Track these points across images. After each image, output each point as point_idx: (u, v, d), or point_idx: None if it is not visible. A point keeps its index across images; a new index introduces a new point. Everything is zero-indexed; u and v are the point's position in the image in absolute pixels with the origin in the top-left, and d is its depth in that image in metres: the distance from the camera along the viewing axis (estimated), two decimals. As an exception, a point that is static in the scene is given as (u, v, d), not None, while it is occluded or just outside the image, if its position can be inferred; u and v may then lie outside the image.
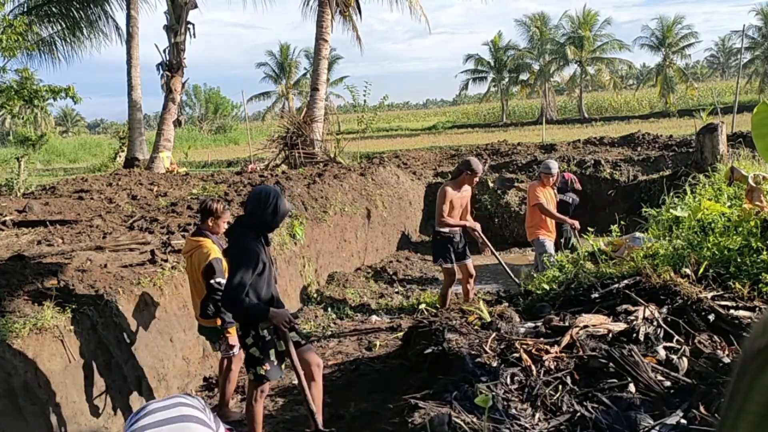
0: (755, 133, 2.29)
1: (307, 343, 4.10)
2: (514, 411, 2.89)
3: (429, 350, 3.75)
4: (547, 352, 3.32)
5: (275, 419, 4.71)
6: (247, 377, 4.18)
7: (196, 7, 18.30)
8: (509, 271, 7.07)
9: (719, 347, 3.33)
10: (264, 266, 3.80)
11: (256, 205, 3.84)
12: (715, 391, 2.83)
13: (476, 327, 3.98)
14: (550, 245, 7.03)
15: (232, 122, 57.40)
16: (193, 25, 18.43)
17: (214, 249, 4.56)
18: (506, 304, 4.72)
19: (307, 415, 3.86)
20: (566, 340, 3.41)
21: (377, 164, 12.44)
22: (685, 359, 3.22)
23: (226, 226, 4.74)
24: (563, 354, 3.32)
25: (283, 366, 4.01)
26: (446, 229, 6.58)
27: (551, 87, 52.19)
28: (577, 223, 7.11)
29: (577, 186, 8.71)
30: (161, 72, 18.20)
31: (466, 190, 6.62)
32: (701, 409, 2.73)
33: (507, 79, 54.19)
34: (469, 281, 6.76)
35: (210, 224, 4.72)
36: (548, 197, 7.20)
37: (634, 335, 3.42)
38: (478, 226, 6.81)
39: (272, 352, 3.89)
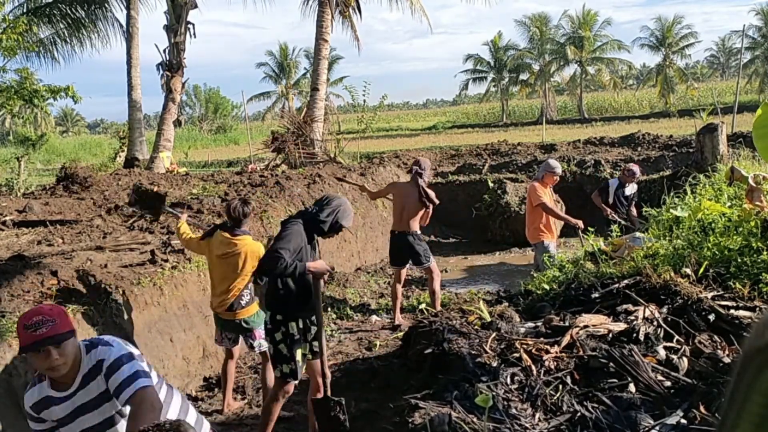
0: (755, 133, 2.29)
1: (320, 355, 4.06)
2: (514, 411, 2.89)
3: (429, 350, 3.75)
4: (548, 352, 3.32)
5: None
6: (269, 375, 4.27)
7: (196, 7, 18.31)
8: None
9: (719, 347, 3.33)
10: (302, 256, 3.83)
11: (320, 204, 3.98)
12: (715, 391, 2.83)
13: (476, 327, 3.98)
14: (553, 249, 6.86)
15: (232, 122, 57.41)
16: (193, 25, 18.44)
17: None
18: (506, 304, 4.72)
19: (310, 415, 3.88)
20: (566, 340, 3.41)
21: (377, 164, 12.44)
22: (685, 359, 3.22)
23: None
24: (563, 354, 3.32)
25: (304, 367, 4.04)
26: (419, 230, 6.70)
27: (551, 87, 52.21)
28: (581, 223, 6.90)
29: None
30: (161, 72, 18.21)
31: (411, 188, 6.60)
32: (701, 409, 2.73)
33: (507, 79, 54.20)
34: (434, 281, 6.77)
35: (250, 223, 4.83)
36: (549, 197, 7.06)
37: (635, 335, 3.42)
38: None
39: (299, 351, 3.92)
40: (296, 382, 4.03)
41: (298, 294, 3.87)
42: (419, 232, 6.72)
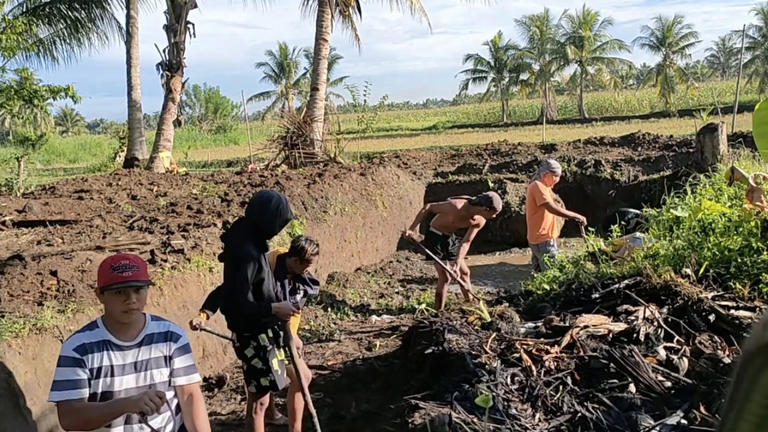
0: (756, 131, 2.29)
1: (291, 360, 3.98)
2: (514, 411, 2.89)
3: (429, 350, 3.75)
4: (548, 352, 3.32)
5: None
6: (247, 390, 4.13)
7: (195, 6, 18.33)
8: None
9: (720, 347, 3.33)
10: (263, 272, 3.73)
11: (258, 209, 3.75)
12: (715, 391, 2.82)
13: (476, 327, 3.98)
14: (555, 250, 6.84)
15: (232, 122, 57.38)
16: (193, 24, 18.47)
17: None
18: (506, 304, 4.72)
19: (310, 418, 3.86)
20: (567, 340, 3.41)
21: (377, 164, 12.44)
22: (685, 359, 3.22)
23: (306, 271, 4.66)
24: (564, 354, 3.32)
25: (285, 373, 3.97)
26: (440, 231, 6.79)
27: (551, 87, 52.23)
28: (584, 219, 6.86)
29: None
30: (161, 72, 18.23)
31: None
32: (702, 409, 2.73)
33: (507, 79, 54.21)
34: (444, 285, 6.84)
35: (294, 262, 4.54)
36: (550, 197, 7.03)
37: (635, 335, 3.41)
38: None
39: (275, 361, 3.84)
40: (281, 389, 3.96)
41: (260, 308, 3.75)
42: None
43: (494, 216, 6.76)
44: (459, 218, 6.70)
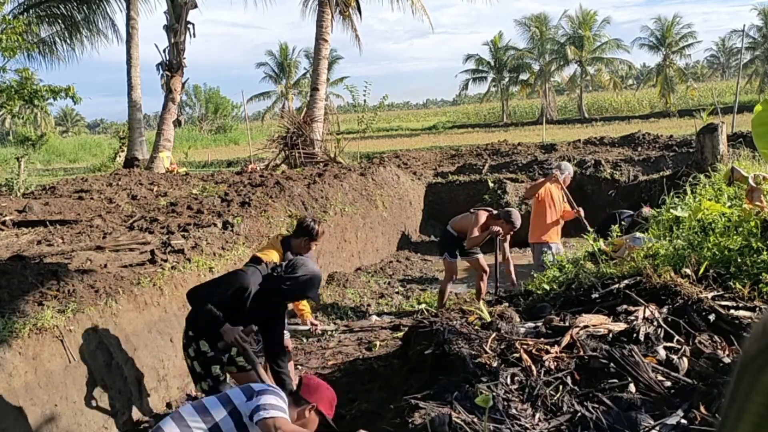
0: (755, 132, 2.28)
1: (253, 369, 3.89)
2: (514, 411, 2.89)
3: (429, 351, 3.75)
4: (548, 352, 3.32)
5: None
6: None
7: (196, 7, 18.33)
8: (497, 280, 7.05)
9: (720, 347, 3.33)
10: (248, 297, 3.71)
11: (290, 268, 3.75)
12: (715, 391, 2.82)
13: (476, 327, 3.97)
14: (555, 251, 6.89)
15: (232, 122, 57.39)
16: (193, 25, 18.47)
17: (272, 255, 4.55)
18: (506, 304, 4.72)
19: None
20: (566, 340, 3.41)
21: (377, 164, 12.44)
22: (685, 359, 3.22)
23: (313, 250, 4.72)
24: (563, 354, 3.32)
25: (228, 378, 3.96)
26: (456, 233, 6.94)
27: (551, 87, 52.23)
28: (581, 210, 7.11)
29: None
30: (161, 72, 18.23)
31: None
32: (702, 409, 2.73)
33: (507, 79, 54.22)
34: (482, 278, 7.05)
35: (301, 243, 4.60)
36: (560, 198, 7.12)
37: (635, 335, 3.41)
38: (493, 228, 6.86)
39: (215, 367, 3.82)
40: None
41: (215, 317, 3.68)
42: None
43: (512, 232, 6.90)
44: (480, 229, 6.81)
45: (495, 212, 6.92)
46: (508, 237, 7.10)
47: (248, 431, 2.84)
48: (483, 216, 6.81)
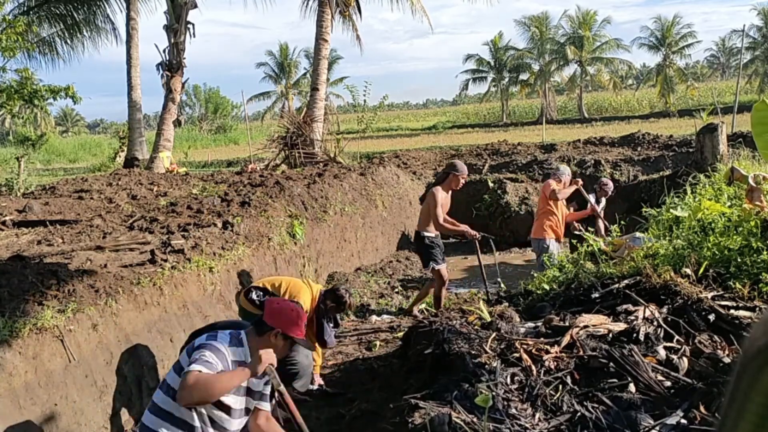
0: (755, 131, 2.29)
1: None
2: (514, 411, 2.89)
3: (429, 350, 3.75)
4: (548, 352, 3.32)
5: None
6: None
7: (196, 7, 18.32)
8: (485, 277, 6.90)
9: (719, 347, 3.33)
10: None
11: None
12: (715, 391, 2.82)
13: (476, 327, 3.98)
14: (554, 248, 6.99)
15: (232, 122, 57.38)
16: (193, 25, 18.46)
17: (303, 293, 4.70)
18: (506, 304, 4.72)
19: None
20: (566, 340, 3.41)
21: (377, 164, 12.44)
22: (685, 359, 3.22)
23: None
24: (563, 354, 3.32)
25: None
26: (432, 233, 6.65)
27: (551, 87, 52.22)
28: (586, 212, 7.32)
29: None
30: (161, 72, 18.22)
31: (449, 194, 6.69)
32: (701, 409, 2.73)
33: (507, 79, 54.20)
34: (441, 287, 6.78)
35: (329, 307, 4.80)
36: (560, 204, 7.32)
37: (635, 335, 3.41)
38: (468, 229, 6.78)
39: None
40: None
41: None
42: (429, 234, 6.74)
43: (463, 180, 6.69)
44: (443, 208, 6.59)
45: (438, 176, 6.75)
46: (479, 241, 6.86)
47: None
48: (438, 191, 6.57)
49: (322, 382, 5.15)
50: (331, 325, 4.95)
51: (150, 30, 21.20)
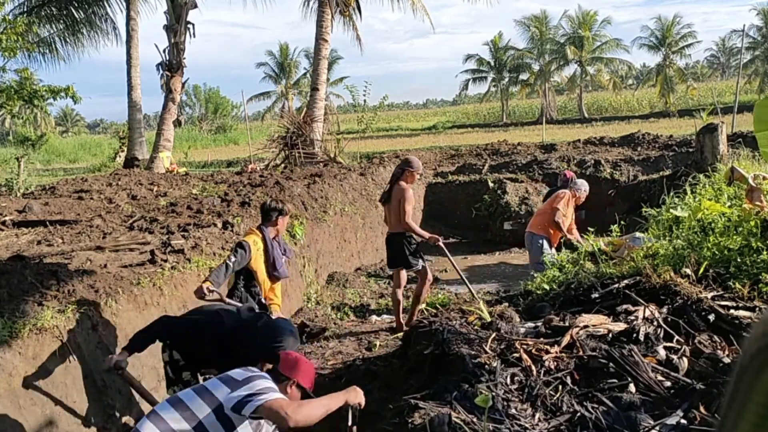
0: (757, 128, 2.29)
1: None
2: (514, 411, 2.89)
3: (429, 351, 3.75)
4: (547, 352, 3.32)
5: None
6: None
7: (196, 7, 18.32)
8: (466, 281, 6.70)
9: (719, 347, 3.33)
10: (201, 331, 3.84)
11: (268, 335, 3.77)
12: (715, 391, 2.82)
13: (476, 327, 3.97)
14: (547, 248, 7.05)
15: (231, 122, 57.37)
16: (193, 25, 18.46)
17: (252, 240, 4.80)
18: (506, 304, 4.72)
19: None
20: (566, 340, 3.41)
21: (377, 164, 12.44)
22: (685, 359, 3.22)
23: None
24: (563, 354, 3.32)
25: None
26: (408, 232, 6.46)
27: (551, 87, 52.20)
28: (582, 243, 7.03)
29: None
30: (161, 72, 18.22)
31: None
32: (701, 409, 2.73)
33: (507, 79, 54.19)
34: (400, 289, 6.61)
35: (278, 223, 4.92)
36: (569, 213, 7.29)
37: (634, 335, 3.41)
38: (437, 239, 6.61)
39: (186, 374, 3.96)
40: None
41: (190, 338, 3.87)
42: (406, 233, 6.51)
43: (417, 176, 6.55)
44: (411, 201, 6.41)
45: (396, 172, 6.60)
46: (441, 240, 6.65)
47: (232, 423, 2.80)
48: (404, 185, 6.37)
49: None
50: (282, 253, 5.08)
51: (150, 30, 21.21)
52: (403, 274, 6.61)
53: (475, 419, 2.78)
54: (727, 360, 3.12)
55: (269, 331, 3.81)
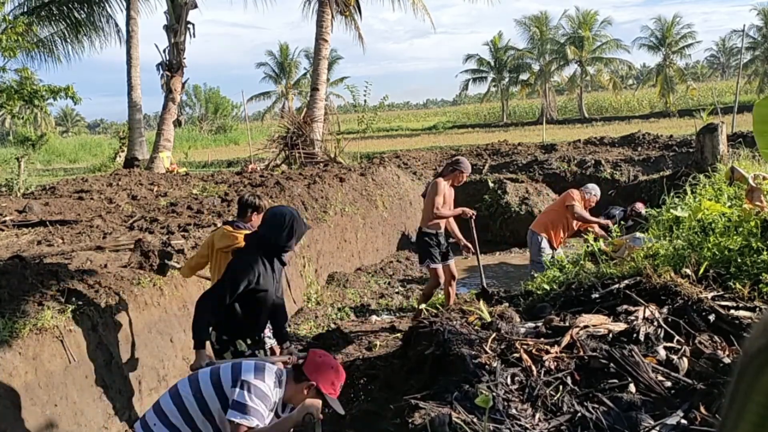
0: (756, 129, 2.28)
1: None
2: (514, 411, 2.89)
3: (429, 351, 3.75)
4: (548, 352, 3.32)
5: None
6: None
7: (196, 7, 18.29)
8: (482, 274, 6.81)
9: (720, 347, 3.33)
10: (265, 284, 3.74)
11: (272, 228, 3.73)
12: (715, 391, 2.82)
13: (476, 327, 3.97)
14: (546, 247, 7.04)
15: (232, 122, 57.33)
16: (193, 25, 18.42)
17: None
18: (506, 304, 4.72)
19: None
20: (566, 340, 3.41)
21: (377, 164, 12.44)
22: (685, 359, 3.22)
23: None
24: (564, 354, 3.32)
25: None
26: (433, 230, 6.50)
27: (551, 87, 52.17)
28: (604, 223, 7.08)
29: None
30: (161, 72, 18.19)
31: (452, 189, 6.66)
32: (702, 409, 2.73)
33: (507, 79, 54.17)
34: (451, 283, 6.64)
35: (253, 219, 4.71)
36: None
37: (635, 335, 3.41)
38: (465, 209, 6.70)
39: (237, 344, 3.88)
40: None
41: (244, 317, 3.79)
42: (429, 231, 6.57)
43: (463, 177, 6.63)
44: (443, 197, 6.51)
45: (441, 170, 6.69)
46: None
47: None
48: (440, 181, 6.50)
49: None
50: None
51: (150, 30, 21.18)
52: (439, 270, 6.54)
53: (475, 419, 2.78)
54: (727, 360, 3.12)
55: (269, 224, 3.78)
